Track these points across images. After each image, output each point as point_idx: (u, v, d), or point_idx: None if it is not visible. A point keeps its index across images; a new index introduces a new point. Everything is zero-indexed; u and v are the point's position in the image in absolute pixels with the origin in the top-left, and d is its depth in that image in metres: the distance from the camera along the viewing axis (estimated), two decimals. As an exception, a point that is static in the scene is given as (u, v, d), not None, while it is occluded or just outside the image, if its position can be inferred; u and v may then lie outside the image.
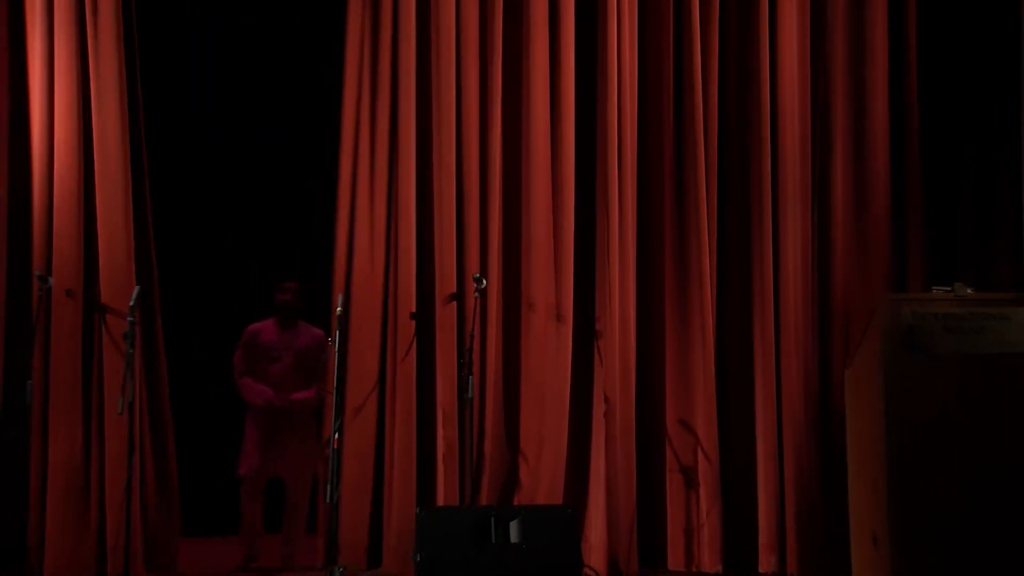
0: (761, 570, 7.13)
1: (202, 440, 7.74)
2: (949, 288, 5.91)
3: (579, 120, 7.33)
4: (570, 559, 6.00)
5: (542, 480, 7.03)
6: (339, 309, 6.40)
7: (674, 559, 7.22)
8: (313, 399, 7.21)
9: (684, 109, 7.40)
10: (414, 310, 7.01)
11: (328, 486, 6.22)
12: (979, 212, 7.65)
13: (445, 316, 7.09)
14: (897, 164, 7.55)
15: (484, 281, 6.92)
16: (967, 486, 5.65)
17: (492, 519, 6.02)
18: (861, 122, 7.53)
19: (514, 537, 5.99)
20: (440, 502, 6.90)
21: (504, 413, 7.13)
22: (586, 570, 6.30)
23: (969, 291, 5.90)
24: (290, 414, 7.16)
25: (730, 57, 7.53)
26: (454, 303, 7.08)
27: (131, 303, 6.22)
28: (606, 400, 7.12)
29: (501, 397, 7.13)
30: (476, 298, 6.91)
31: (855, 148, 7.53)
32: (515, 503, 7.00)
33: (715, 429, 7.22)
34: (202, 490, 7.81)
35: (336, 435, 6.31)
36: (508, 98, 7.32)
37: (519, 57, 7.34)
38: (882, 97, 7.53)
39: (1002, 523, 5.60)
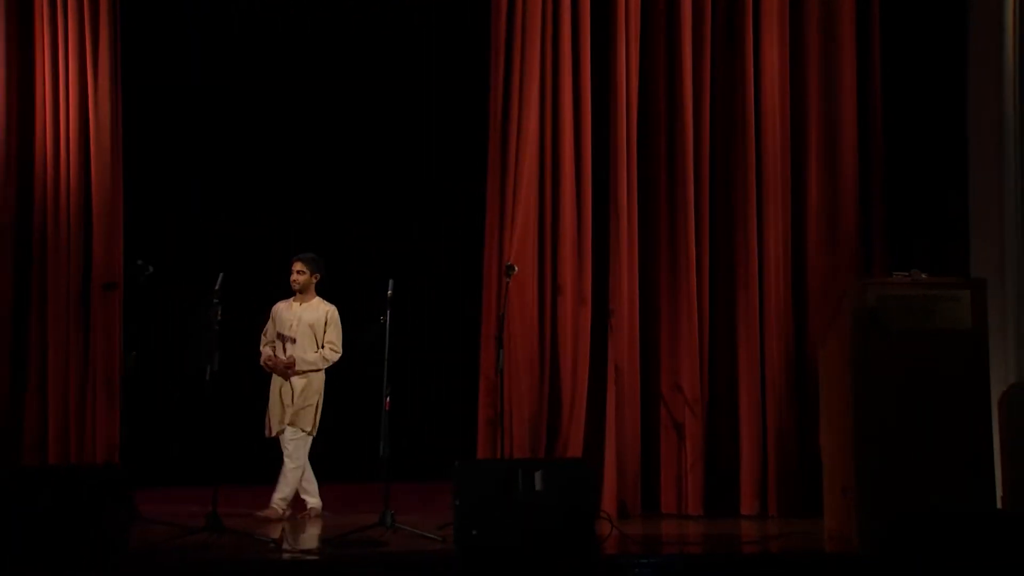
0: (744, 512, 8.08)
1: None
2: (907, 273, 6.69)
3: (594, 133, 8.29)
4: (587, 505, 6.68)
5: (567, 437, 8.00)
6: (389, 292, 7.29)
7: (666, 504, 8.17)
8: (314, 362, 7.96)
9: (677, 122, 8.30)
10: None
11: (382, 443, 7.06)
12: (933, 206, 8.40)
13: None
14: (864, 165, 8.34)
15: (515, 268, 7.89)
16: (921, 444, 6.42)
17: (519, 471, 6.61)
18: (833, 129, 8.34)
19: (538, 486, 6.58)
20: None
21: (537, 381, 8.10)
22: (601, 514, 7.15)
23: (924, 276, 6.65)
24: (296, 376, 7.91)
25: (719, 74, 8.37)
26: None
27: (216, 287, 7.17)
28: (616, 369, 8.10)
29: (537, 368, 8.09)
30: (507, 283, 7.88)
31: (827, 151, 8.33)
32: (542, 457, 7.89)
33: (699, 390, 8.13)
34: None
35: (387, 398, 7.12)
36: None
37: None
38: (850, 106, 8.33)
39: (946, 473, 6.42)
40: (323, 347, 8.03)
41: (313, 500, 8.03)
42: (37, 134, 8.12)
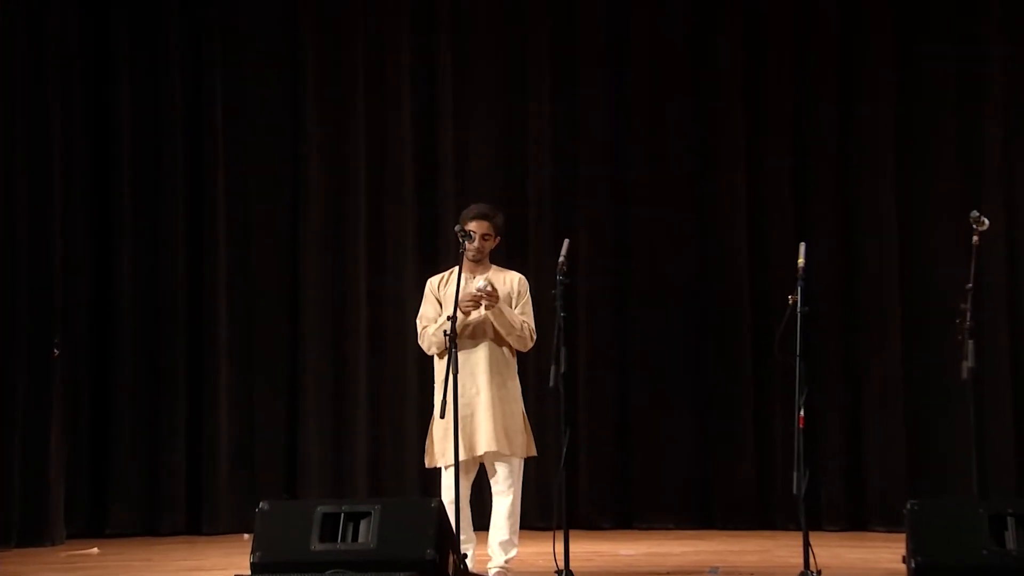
0: None
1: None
2: None
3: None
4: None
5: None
6: (801, 260, 5.24)
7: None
8: (517, 324, 5.61)
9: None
10: None
11: (796, 474, 5.25)
12: None
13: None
14: None
15: None
16: None
17: (1005, 516, 4.88)
18: None
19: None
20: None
21: None
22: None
23: None
24: (477, 368, 5.56)
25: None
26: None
27: (561, 257, 5.23)
28: None
29: None
30: None
31: None
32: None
33: None
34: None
35: (801, 412, 5.32)
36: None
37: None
38: None
39: None
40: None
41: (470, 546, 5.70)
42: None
